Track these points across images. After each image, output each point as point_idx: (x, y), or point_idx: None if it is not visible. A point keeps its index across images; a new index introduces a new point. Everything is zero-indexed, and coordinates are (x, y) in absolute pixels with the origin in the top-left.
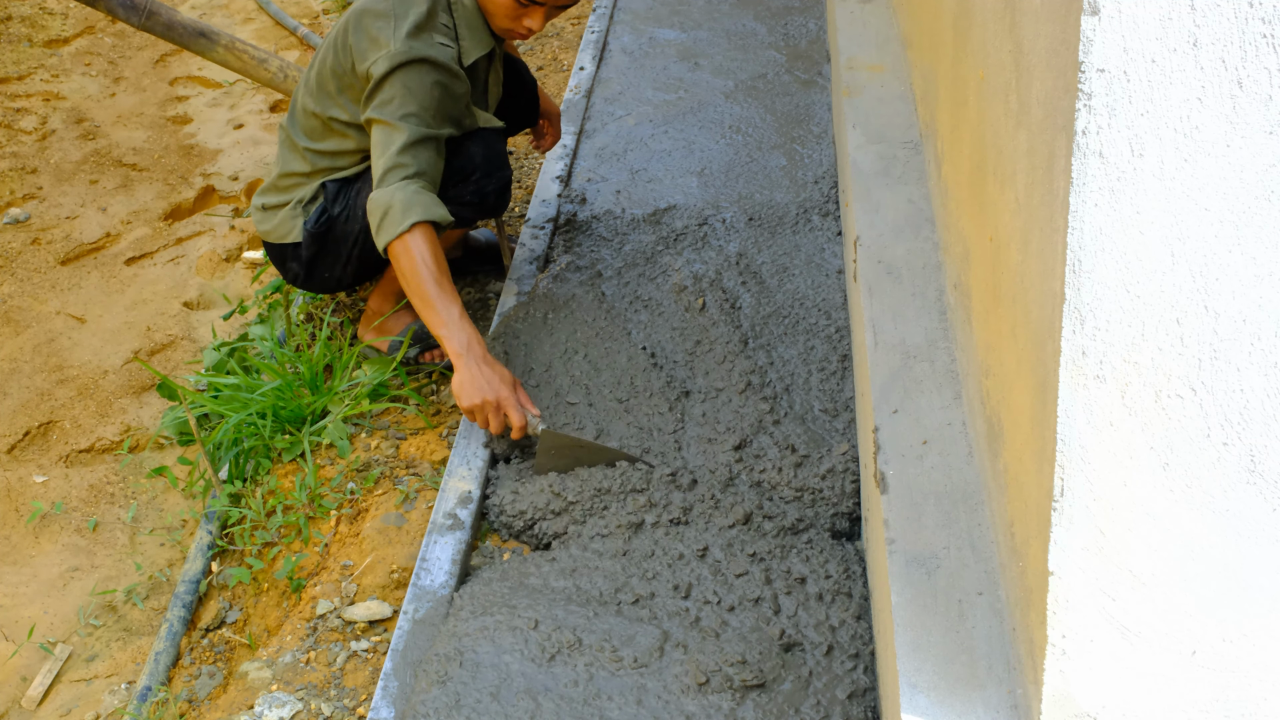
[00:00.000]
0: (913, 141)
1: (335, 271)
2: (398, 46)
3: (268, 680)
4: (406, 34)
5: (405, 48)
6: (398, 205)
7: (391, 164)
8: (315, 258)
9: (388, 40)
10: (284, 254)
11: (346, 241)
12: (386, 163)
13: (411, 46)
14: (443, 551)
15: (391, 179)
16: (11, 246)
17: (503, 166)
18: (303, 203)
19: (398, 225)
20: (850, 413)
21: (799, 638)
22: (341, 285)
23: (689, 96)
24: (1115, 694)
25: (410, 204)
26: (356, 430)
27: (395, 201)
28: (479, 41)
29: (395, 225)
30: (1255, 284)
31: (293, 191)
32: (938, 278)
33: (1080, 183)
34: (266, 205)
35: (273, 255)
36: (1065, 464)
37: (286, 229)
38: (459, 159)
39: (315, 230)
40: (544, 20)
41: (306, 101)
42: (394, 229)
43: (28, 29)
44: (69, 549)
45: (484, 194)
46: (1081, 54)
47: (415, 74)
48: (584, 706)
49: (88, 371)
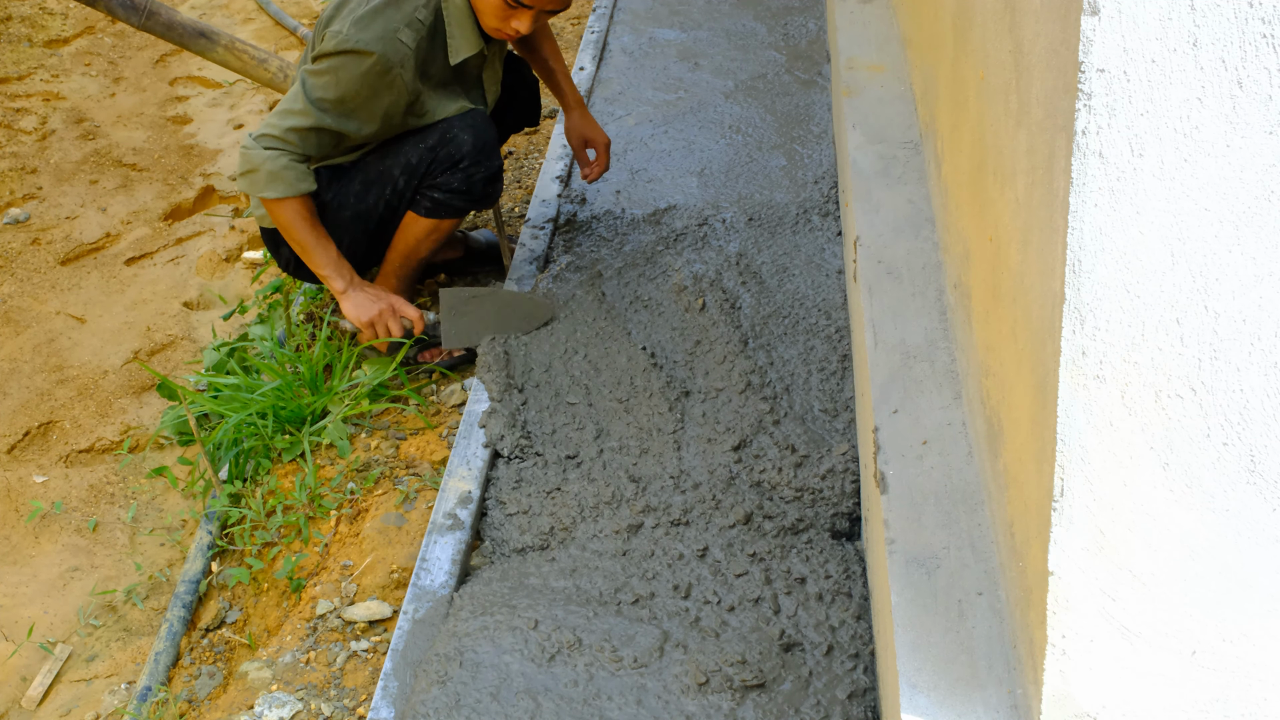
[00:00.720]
0: (913, 141)
1: None
2: (345, 29)
3: (268, 680)
4: (359, 19)
5: (351, 34)
6: (263, 173)
7: (280, 132)
8: None
9: (345, 23)
10: (277, 239)
11: (338, 228)
12: (277, 128)
13: (357, 36)
14: (443, 551)
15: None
16: (11, 246)
17: (492, 155)
18: None
19: (262, 189)
20: (850, 413)
21: (799, 638)
22: None
23: (689, 96)
24: (1115, 694)
25: (276, 177)
26: (356, 430)
27: (262, 170)
28: (468, 40)
29: (260, 188)
30: (1255, 284)
31: None
32: (938, 278)
33: (1080, 183)
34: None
35: (268, 241)
36: (1065, 464)
37: None
38: (448, 147)
39: None
40: (532, 23)
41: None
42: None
43: (28, 29)
44: (69, 549)
45: (472, 182)
46: (1081, 54)
47: (350, 62)
48: (584, 706)
49: (88, 371)
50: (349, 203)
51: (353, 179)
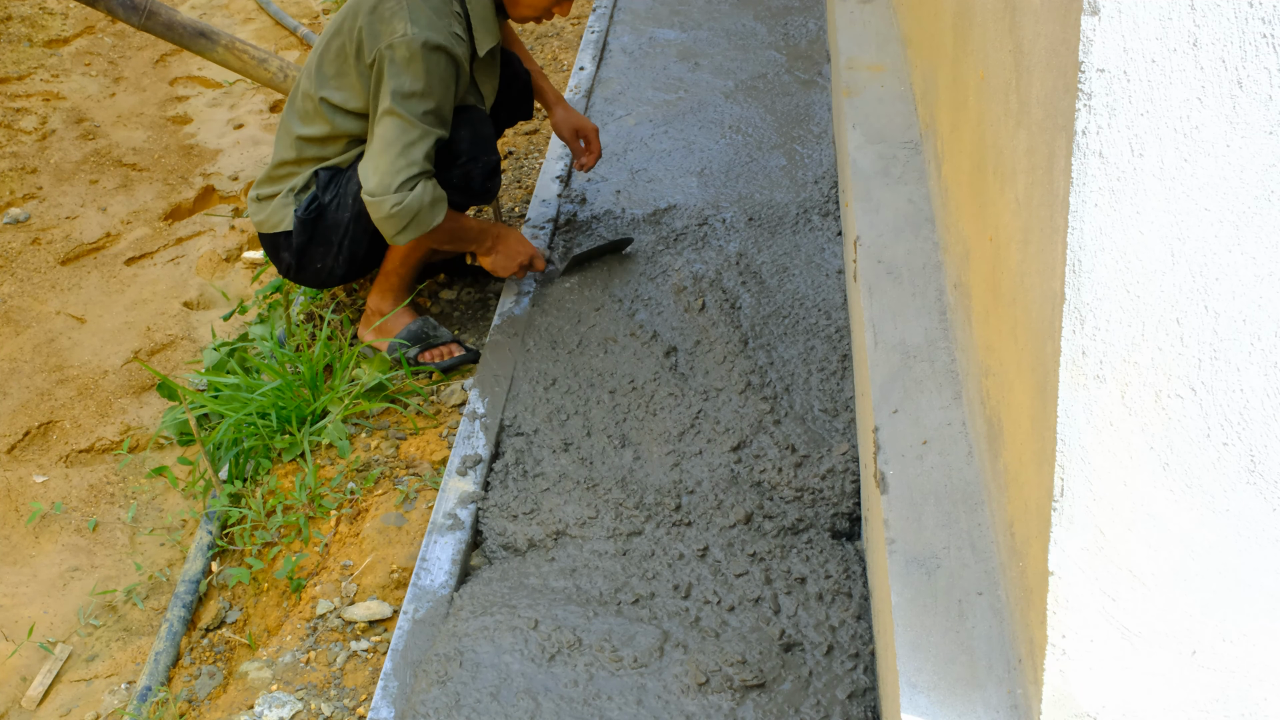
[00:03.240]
0: (913, 141)
1: (327, 261)
2: (416, 31)
3: (268, 680)
4: (426, 21)
5: (426, 34)
6: (426, 209)
7: (413, 164)
8: (306, 246)
9: (405, 24)
10: (276, 243)
11: (337, 230)
12: (408, 162)
13: (430, 34)
14: (443, 551)
15: (415, 181)
16: (11, 246)
17: (489, 150)
18: (294, 191)
19: (429, 224)
20: (850, 413)
21: (799, 638)
22: (334, 277)
23: (689, 96)
24: (1115, 694)
25: (435, 201)
26: (356, 430)
27: (424, 205)
28: (490, 32)
29: (428, 224)
30: (1255, 284)
31: (285, 181)
32: (938, 278)
33: (1080, 183)
34: (260, 195)
35: (266, 246)
36: (1065, 464)
37: (279, 218)
38: (445, 144)
39: (305, 217)
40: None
41: (304, 84)
42: (427, 227)
43: (28, 29)
44: (69, 549)
45: (470, 177)
46: (1081, 54)
47: (435, 61)
48: (584, 706)
49: (88, 371)
50: (348, 203)
51: (351, 179)
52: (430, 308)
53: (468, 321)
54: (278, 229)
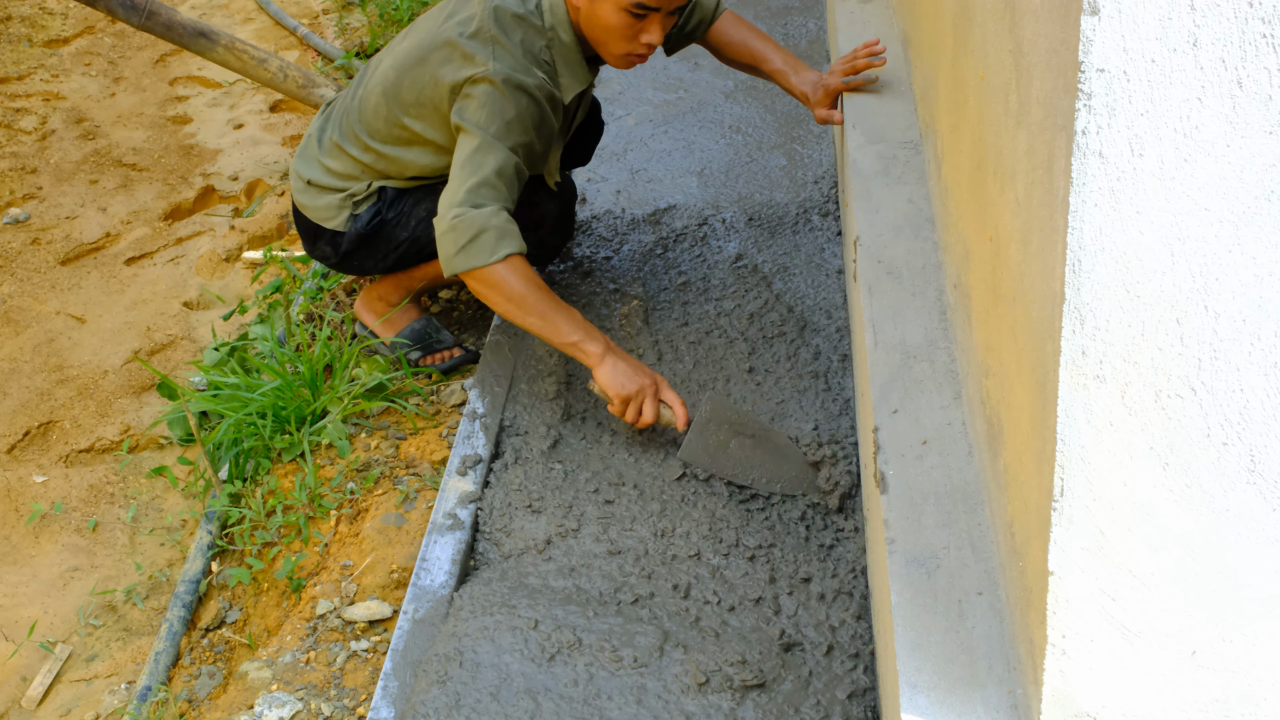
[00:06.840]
0: (913, 141)
1: (368, 264)
2: (497, 67)
3: (268, 680)
4: (508, 60)
5: (506, 71)
6: (492, 232)
7: (485, 181)
8: (354, 252)
9: (485, 61)
10: (318, 234)
11: (391, 243)
12: (481, 179)
13: (511, 73)
14: (443, 551)
15: (485, 199)
16: (11, 246)
17: (570, 230)
18: (354, 197)
19: (491, 253)
20: (850, 413)
21: (799, 638)
22: (365, 273)
23: (689, 96)
24: (1115, 694)
25: (505, 233)
26: (356, 430)
27: (490, 227)
28: (577, 77)
29: (488, 252)
30: (1255, 284)
31: (345, 181)
32: (937, 278)
33: (1080, 183)
34: (313, 182)
35: (303, 226)
36: (1065, 464)
37: (331, 215)
38: (533, 212)
39: (365, 231)
40: (662, 30)
41: (376, 99)
42: (487, 256)
43: (28, 29)
44: (69, 549)
45: (544, 247)
46: (1081, 54)
47: (515, 97)
48: (584, 706)
49: (88, 371)
50: (410, 225)
51: (420, 201)
52: (430, 306)
53: (468, 321)
54: (326, 224)
